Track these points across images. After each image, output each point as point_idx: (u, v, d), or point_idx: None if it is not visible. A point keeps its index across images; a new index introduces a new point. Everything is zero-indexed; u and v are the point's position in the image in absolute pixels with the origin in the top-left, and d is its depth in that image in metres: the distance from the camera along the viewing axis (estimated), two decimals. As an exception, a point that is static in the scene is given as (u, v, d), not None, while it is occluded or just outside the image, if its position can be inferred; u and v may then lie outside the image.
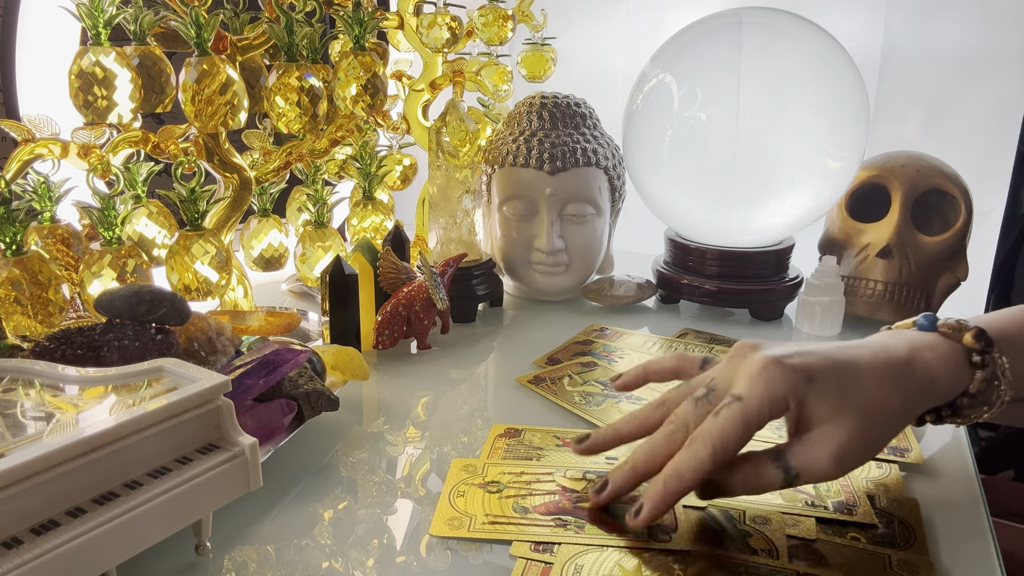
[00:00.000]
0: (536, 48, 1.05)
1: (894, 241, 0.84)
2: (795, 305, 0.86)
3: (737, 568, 0.42)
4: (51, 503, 0.35)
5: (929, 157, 0.87)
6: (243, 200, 0.79)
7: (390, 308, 0.74)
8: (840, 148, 0.80)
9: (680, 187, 0.86)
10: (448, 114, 0.83)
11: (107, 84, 0.69)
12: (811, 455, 0.41)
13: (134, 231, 0.78)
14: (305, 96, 0.75)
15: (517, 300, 0.95)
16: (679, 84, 0.82)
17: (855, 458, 0.41)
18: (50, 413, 0.40)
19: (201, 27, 0.69)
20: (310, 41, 0.76)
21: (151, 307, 0.55)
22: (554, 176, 0.85)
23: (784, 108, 0.78)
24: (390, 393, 0.68)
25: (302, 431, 0.57)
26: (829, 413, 0.41)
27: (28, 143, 0.69)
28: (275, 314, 0.80)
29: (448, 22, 0.88)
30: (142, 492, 0.37)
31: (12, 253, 0.61)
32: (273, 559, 0.44)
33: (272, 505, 0.50)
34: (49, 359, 0.50)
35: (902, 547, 0.45)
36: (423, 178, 0.97)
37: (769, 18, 0.82)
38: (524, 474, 0.52)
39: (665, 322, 0.87)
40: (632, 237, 1.34)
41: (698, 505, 0.48)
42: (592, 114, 0.92)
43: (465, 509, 0.48)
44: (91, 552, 0.34)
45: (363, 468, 0.55)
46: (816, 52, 0.80)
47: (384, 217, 0.91)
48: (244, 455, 0.42)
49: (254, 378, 0.54)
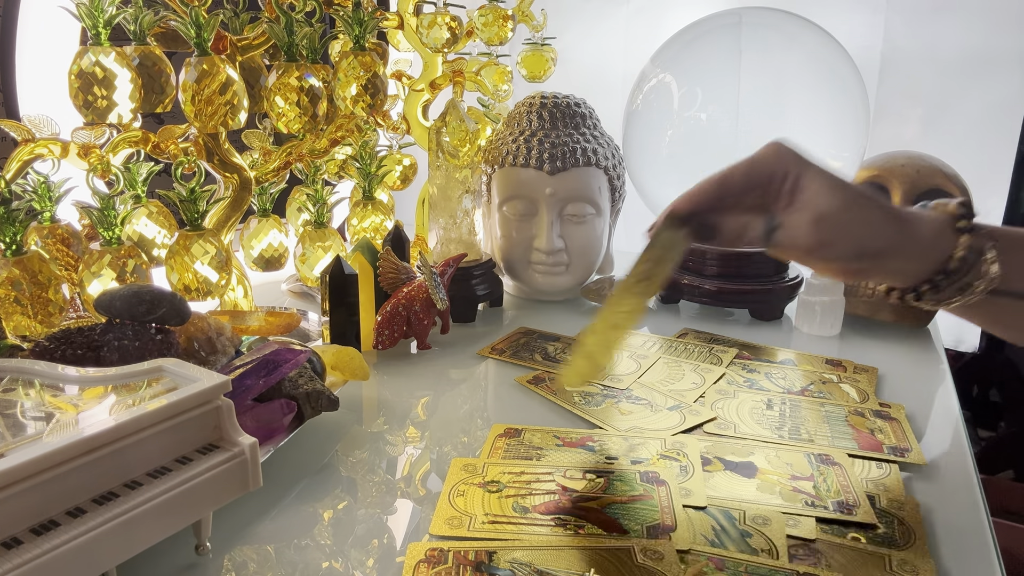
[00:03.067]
0: (536, 48, 1.05)
1: (894, 241, 0.84)
2: (795, 305, 0.86)
3: (737, 568, 0.42)
4: (51, 503, 0.35)
5: (929, 157, 0.86)
6: (243, 200, 0.79)
7: (390, 308, 0.74)
8: (840, 148, 0.80)
9: (680, 187, 0.84)
10: (448, 114, 0.83)
11: (107, 84, 0.69)
12: (795, 216, 0.47)
13: (134, 231, 0.78)
14: (305, 96, 0.75)
15: (517, 300, 0.95)
16: (679, 84, 0.82)
17: (829, 233, 0.46)
18: (50, 413, 0.40)
19: (201, 27, 0.69)
20: (310, 41, 0.76)
21: (151, 307, 0.55)
22: (554, 176, 0.85)
23: (784, 108, 0.78)
24: (390, 393, 0.68)
25: (302, 431, 0.57)
26: (818, 188, 0.46)
27: (28, 143, 0.69)
28: (275, 314, 0.80)
29: (448, 22, 0.88)
30: (142, 492, 0.37)
31: (12, 253, 0.61)
32: (273, 559, 0.44)
33: (272, 505, 0.50)
34: (49, 359, 0.50)
35: (902, 547, 0.45)
36: (423, 178, 0.97)
37: (769, 18, 0.82)
38: (524, 474, 0.52)
39: (665, 322, 0.87)
40: (632, 237, 1.34)
41: (698, 505, 0.48)
42: (592, 114, 0.92)
43: (465, 509, 0.48)
44: (91, 552, 0.34)
45: (363, 468, 0.55)
46: (816, 52, 0.80)
47: (384, 217, 0.91)
48: (244, 455, 0.42)
49: (254, 378, 0.54)
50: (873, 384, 0.68)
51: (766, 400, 0.64)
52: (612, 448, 0.56)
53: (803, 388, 0.67)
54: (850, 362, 0.73)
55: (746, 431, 0.59)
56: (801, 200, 0.47)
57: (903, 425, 0.60)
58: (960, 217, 0.48)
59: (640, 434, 0.58)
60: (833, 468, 0.53)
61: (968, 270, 0.47)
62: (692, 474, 0.52)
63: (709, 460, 0.54)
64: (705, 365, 0.72)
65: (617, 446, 0.56)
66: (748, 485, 0.51)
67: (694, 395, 0.65)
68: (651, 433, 0.59)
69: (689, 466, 0.53)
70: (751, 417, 0.61)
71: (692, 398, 0.65)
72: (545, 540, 0.45)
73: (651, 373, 0.71)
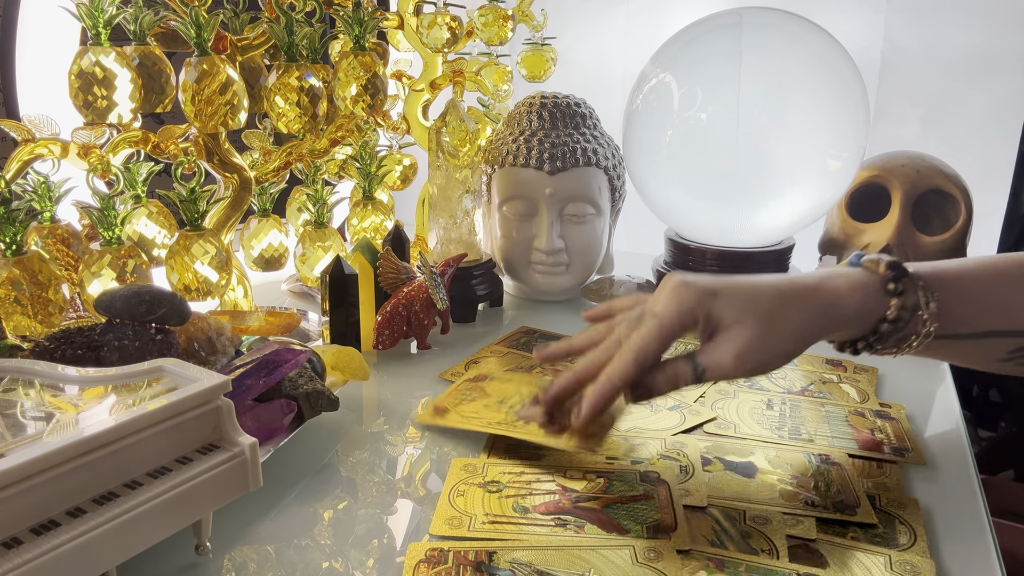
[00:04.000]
0: (536, 48, 1.05)
1: (894, 241, 0.84)
2: (795, 305, 0.86)
3: (737, 568, 0.42)
4: (51, 503, 0.35)
5: (929, 157, 0.86)
6: (243, 200, 0.79)
7: (390, 308, 0.74)
8: (840, 148, 0.80)
9: (680, 187, 0.86)
10: (448, 114, 0.83)
11: (107, 84, 0.69)
12: (716, 354, 0.46)
13: (134, 231, 0.78)
14: (305, 96, 0.75)
15: (517, 300, 0.95)
16: (679, 84, 0.82)
17: (755, 360, 0.46)
18: (50, 413, 0.40)
19: (201, 27, 0.69)
20: (310, 41, 0.76)
21: (151, 307, 0.55)
22: (554, 176, 0.85)
23: (784, 108, 0.78)
24: (390, 393, 0.68)
25: (302, 431, 0.57)
26: (731, 319, 0.46)
27: (28, 143, 0.69)
28: (275, 314, 0.80)
29: (448, 22, 0.88)
30: (142, 492, 0.37)
31: (12, 253, 0.61)
32: (273, 559, 0.44)
33: (272, 505, 0.50)
34: (49, 359, 0.50)
35: (902, 547, 0.45)
36: (423, 178, 0.97)
37: (769, 18, 0.82)
38: (524, 474, 0.52)
39: (665, 322, 0.87)
40: (632, 237, 1.34)
41: (698, 505, 0.48)
42: (592, 114, 0.92)
43: (465, 508, 0.48)
44: (91, 552, 0.34)
45: (363, 468, 0.55)
46: (816, 52, 0.80)
47: (384, 217, 0.91)
48: (244, 455, 0.42)
49: (254, 378, 0.54)
50: (873, 384, 0.68)
51: (766, 400, 0.64)
52: (612, 448, 0.56)
53: (803, 388, 0.67)
54: (850, 362, 0.73)
55: (746, 431, 0.59)
56: (718, 339, 0.46)
57: (903, 425, 0.60)
58: (890, 280, 0.47)
59: (640, 434, 0.58)
60: (833, 468, 0.53)
61: (903, 327, 0.48)
62: (692, 474, 0.52)
63: (709, 460, 0.54)
64: (705, 365, 0.72)
65: (617, 446, 0.56)
66: (748, 485, 0.51)
67: (694, 395, 0.65)
68: (651, 433, 0.59)
69: (689, 466, 0.53)
70: (751, 417, 0.61)
71: (692, 398, 0.65)
72: (545, 540, 0.45)
73: (651, 373, 0.70)
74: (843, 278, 0.48)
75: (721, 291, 0.46)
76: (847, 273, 0.49)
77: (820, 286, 0.48)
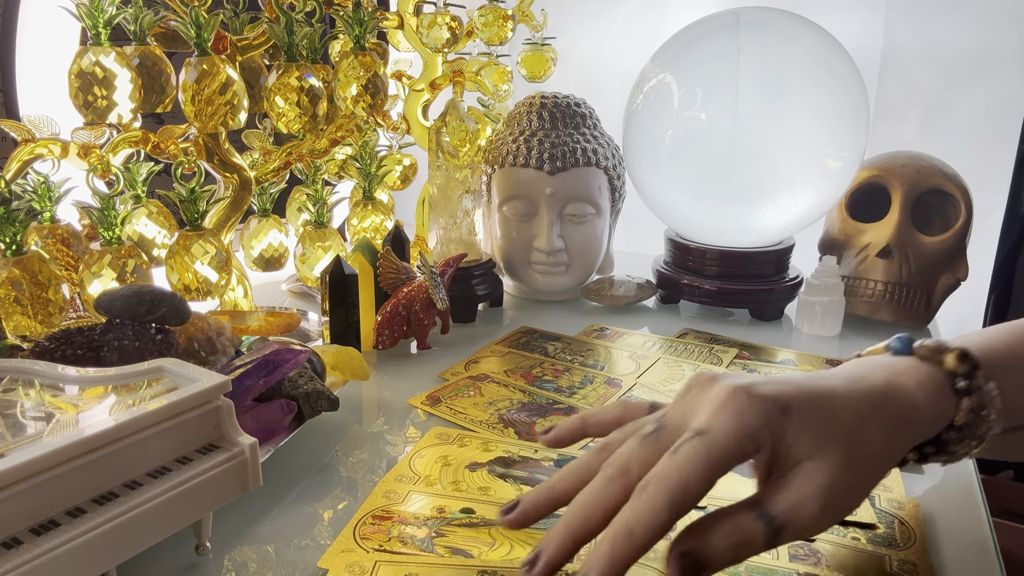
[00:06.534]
0: (536, 48, 1.05)
1: (894, 241, 0.84)
2: (795, 305, 0.86)
3: (737, 568, 0.42)
4: (51, 503, 0.35)
5: (929, 157, 0.86)
6: (243, 200, 0.79)
7: (390, 308, 0.74)
8: (840, 148, 0.80)
9: (680, 187, 0.86)
10: (448, 114, 0.83)
11: (107, 84, 0.69)
12: (795, 500, 0.33)
13: (134, 231, 0.78)
14: (305, 96, 0.75)
15: (517, 300, 0.95)
16: (679, 84, 0.82)
17: (844, 501, 0.34)
18: (50, 413, 0.40)
19: (201, 27, 0.69)
20: (310, 41, 0.76)
21: (151, 307, 0.55)
22: (554, 176, 0.85)
23: (784, 108, 0.78)
24: (390, 393, 0.68)
25: (302, 431, 0.57)
26: (809, 450, 0.34)
27: (28, 143, 0.69)
28: (275, 314, 0.80)
29: (448, 22, 0.88)
30: (142, 492, 0.37)
31: (12, 253, 0.61)
32: (273, 559, 0.44)
33: (272, 505, 0.50)
34: (49, 359, 0.50)
35: (902, 547, 0.45)
36: (423, 178, 0.97)
37: (768, 18, 0.82)
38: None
39: (665, 322, 0.87)
40: (632, 237, 1.34)
41: (698, 505, 0.48)
42: (592, 114, 0.92)
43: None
44: (91, 552, 0.34)
45: (363, 468, 0.55)
46: (816, 52, 0.80)
47: (384, 217, 0.91)
48: (244, 455, 0.42)
49: (254, 378, 0.54)
50: (873, 384, 0.68)
51: (766, 400, 0.64)
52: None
53: (803, 388, 0.67)
54: (850, 362, 0.73)
55: (746, 431, 0.59)
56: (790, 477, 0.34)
57: (903, 425, 0.60)
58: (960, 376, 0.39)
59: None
60: (833, 468, 0.53)
61: (972, 434, 0.39)
62: (692, 474, 0.52)
63: (709, 460, 0.54)
64: (705, 365, 0.73)
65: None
66: (748, 485, 0.51)
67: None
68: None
69: (689, 466, 0.53)
70: (751, 417, 0.61)
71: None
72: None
73: (651, 373, 0.71)
74: (908, 377, 0.39)
75: (792, 407, 0.35)
76: (908, 369, 0.39)
77: (890, 389, 0.38)
